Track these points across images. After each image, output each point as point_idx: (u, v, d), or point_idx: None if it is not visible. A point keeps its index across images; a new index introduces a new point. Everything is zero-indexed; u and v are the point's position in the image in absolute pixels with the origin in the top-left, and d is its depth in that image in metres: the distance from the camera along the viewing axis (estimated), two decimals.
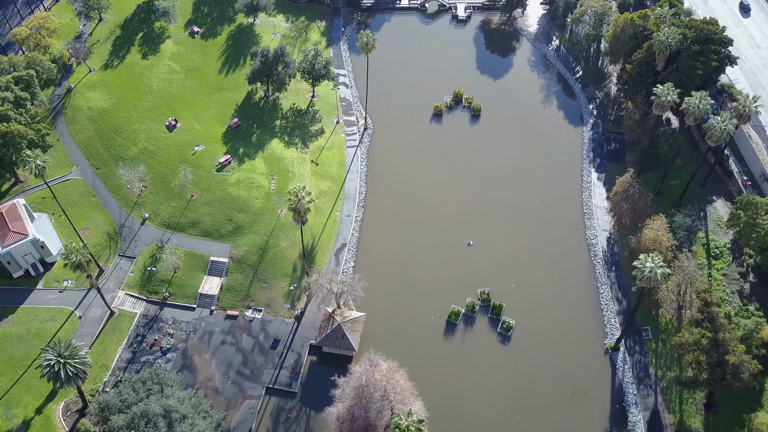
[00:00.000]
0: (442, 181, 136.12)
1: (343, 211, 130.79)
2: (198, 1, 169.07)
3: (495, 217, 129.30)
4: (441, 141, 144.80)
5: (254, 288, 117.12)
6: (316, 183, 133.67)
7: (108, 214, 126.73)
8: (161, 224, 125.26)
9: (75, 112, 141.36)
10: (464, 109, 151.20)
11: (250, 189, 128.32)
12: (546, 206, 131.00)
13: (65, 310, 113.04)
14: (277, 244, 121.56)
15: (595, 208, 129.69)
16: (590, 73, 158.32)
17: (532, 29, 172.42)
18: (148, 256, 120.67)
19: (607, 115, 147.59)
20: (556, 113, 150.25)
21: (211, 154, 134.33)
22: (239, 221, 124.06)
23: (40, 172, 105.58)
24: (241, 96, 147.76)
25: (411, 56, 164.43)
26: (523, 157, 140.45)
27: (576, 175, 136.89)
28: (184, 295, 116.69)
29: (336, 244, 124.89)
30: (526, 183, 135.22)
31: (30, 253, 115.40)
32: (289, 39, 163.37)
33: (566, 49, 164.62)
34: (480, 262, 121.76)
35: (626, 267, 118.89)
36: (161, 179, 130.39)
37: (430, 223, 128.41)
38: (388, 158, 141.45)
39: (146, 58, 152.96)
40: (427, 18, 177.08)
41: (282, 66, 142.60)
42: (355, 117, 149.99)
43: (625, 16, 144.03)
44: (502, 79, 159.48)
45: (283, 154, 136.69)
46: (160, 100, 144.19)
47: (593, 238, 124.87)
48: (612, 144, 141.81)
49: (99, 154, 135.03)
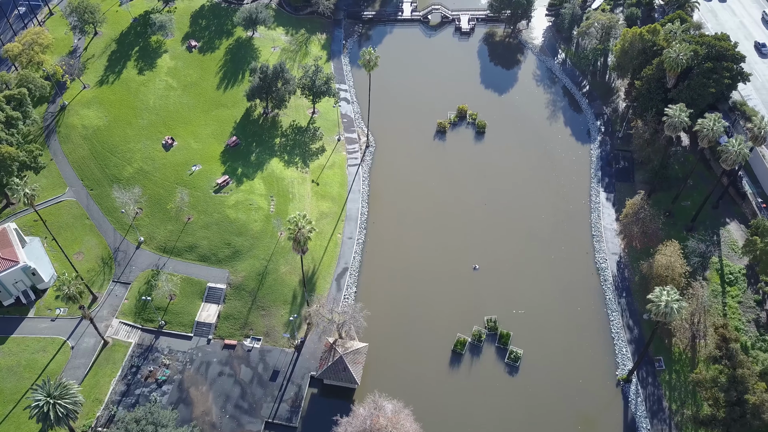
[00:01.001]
0: (447, 201, 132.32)
1: (345, 233, 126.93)
2: (196, 14, 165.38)
3: (501, 240, 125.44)
4: (445, 159, 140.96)
5: (253, 316, 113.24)
6: (316, 204, 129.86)
7: (102, 238, 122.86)
8: (157, 248, 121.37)
9: (69, 130, 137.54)
10: (468, 126, 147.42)
11: (248, 211, 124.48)
12: (554, 228, 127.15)
13: (57, 339, 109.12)
14: (276, 270, 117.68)
15: (604, 230, 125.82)
16: (597, 87, 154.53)
17: (537, 42, 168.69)
18: (143, 282, 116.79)
19: (615, 131, 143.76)
20: (562, 130, 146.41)
21: (209, 174, 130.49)
22: (237, 245, 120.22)
23: (30, 200, 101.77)
24: (240, 113, 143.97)
25: (413, 70, 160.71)
26: (530, 175, 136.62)
27: (584, 194, 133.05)
28: (181, 323, 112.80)
29: (337, 268, 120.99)
30: (533, 203, 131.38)
31: (21, 281, 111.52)
32: (288, 53, 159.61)
33: (572, 63, 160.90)
34: (486, 288, 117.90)
35: (637, 293, 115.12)
36: (157, 201, 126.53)
37: (434, 246, 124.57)
38: (391, 177, 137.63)
39: (142, 73, 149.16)
40: (429, 30, 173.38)
41: (282, 82, 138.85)
42: (356, 134, 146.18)
43: (634, 31, 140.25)
44: (507, 93, 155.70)
45: (282, 174, 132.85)
46: (156, 118, 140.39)
47: (603, 262, 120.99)
48: (621, 162, 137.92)
49: (93, 174, 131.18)
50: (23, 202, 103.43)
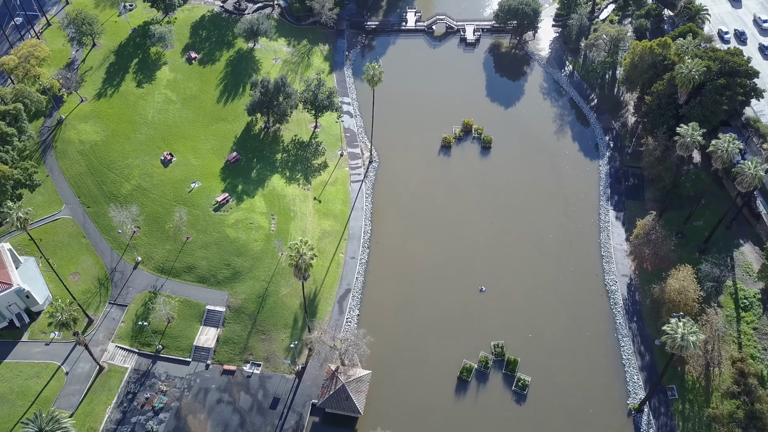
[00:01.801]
0: (452, 219, 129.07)
1: (347, 252, 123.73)
2: (196, 25, 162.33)
3: (508, 260, 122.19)
4: (450, 175, 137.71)
5: (253, 340, 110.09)
6: (318, 222, 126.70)
7: (99, 258, 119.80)
8: (155, 269, 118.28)
9: (65, 145, 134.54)
10: (474, 141, 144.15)
11: (249, 230, 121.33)
12: (562, 248, 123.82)
13: (51, 365, 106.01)
14: (277, 292, 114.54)
15: (614, 251, 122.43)
16: (605, 101, 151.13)
17: (544, 53, 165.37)
18: (140, 304, 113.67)
19: (624, 147, 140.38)
20: (570, 145, 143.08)
21: (208, 191, 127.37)
22: (237, 266, 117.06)
23: (23, 224, 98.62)
24: (241, 127, 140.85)
25: (418, 82, 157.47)
26: (537, 192, 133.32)
27: (593, 213, 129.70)
28: (179, 347, 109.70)
29: (339, 289, 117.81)
30: (541, 222, 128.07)
31: (15, 303, 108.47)
32: (290, 65, 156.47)
33: (580, 75, 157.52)
34: (493, 311, 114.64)
35: (649, 317, 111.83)
36: (155, 219, 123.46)
37: (439, 266, 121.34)
38: (395, 194, 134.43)
39: (141, 86, 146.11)
40: (434, 41, 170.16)
41: (283, 97, 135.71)
42: (359, 149, 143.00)
43: (644, 44, 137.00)
44: (514, 107, 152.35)
45: (284, 191, 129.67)
46: (155, 132, 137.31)
47: (612, 284, 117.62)
48: (630, 179, 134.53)
49: (90, 191, 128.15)
50: (16, 226, 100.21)
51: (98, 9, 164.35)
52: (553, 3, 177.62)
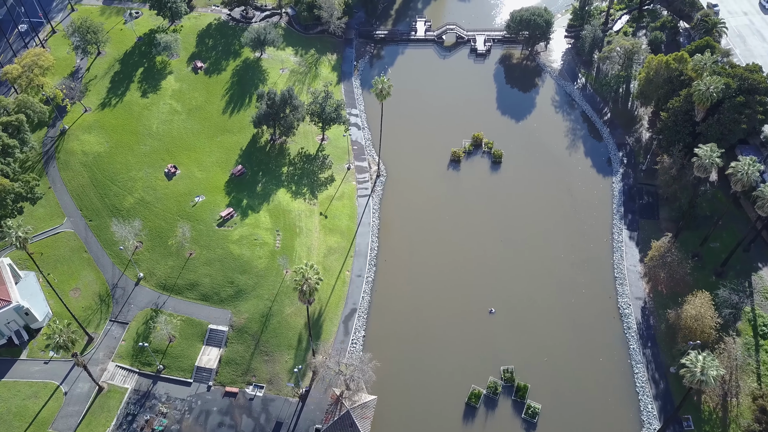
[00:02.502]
0: (461, 236, 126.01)
1: (353, 270, 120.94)
2: (202, 33, 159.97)
3: (518, 280, 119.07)
4: (459, 191, 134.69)
5: (256, 361, 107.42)
6: (324, 239, 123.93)
7: (100, 273, 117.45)
8: (157, 285, 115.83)
9: (68, 156, 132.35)
10: (484, 155, 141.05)
11: (253, 247, 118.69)
12: (574, 268, 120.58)
13: (50, 384, 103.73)
14: (281, 311, 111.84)
15: (627, 272, 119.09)
16: (619, 115, 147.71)
17: (556, 65, 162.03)
18: (141, 322, 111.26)
19: (638, 163, 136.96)
20: (583, 161, 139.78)
21: (213, 206, 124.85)
22: (241, 284, 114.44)
23: (22, 244, 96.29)
24: (246, 139, 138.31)
25: (427, 93, 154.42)
26: (548, 210, 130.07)
27: (606, 232, 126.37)
28: (180, 367, 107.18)
29: (345, 309, 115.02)
30: (552, 241, 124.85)
31: (13, 320, 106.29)
32: (297, 75, 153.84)
33: (593, 88, 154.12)
34: (502, 334, 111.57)
35: (663, 342, 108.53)
36: (158, 234, 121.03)
37: (448, 286, 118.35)
38: (403, 210, 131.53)
39: (146, 96, 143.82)
40: (444, 51, 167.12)
41: (290, 109, 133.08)
42: (367, 162, 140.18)
43: (660, 59, 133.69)
44: (525, 120, 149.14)
45: (289, 206, 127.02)
46: (159, 144, 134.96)
47: (626, 308, 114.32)
48: (645, 197, 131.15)
49: (92, 204, 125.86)
50: (15, 246, 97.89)
51: (104, 16, 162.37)
52: (565, 13, 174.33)
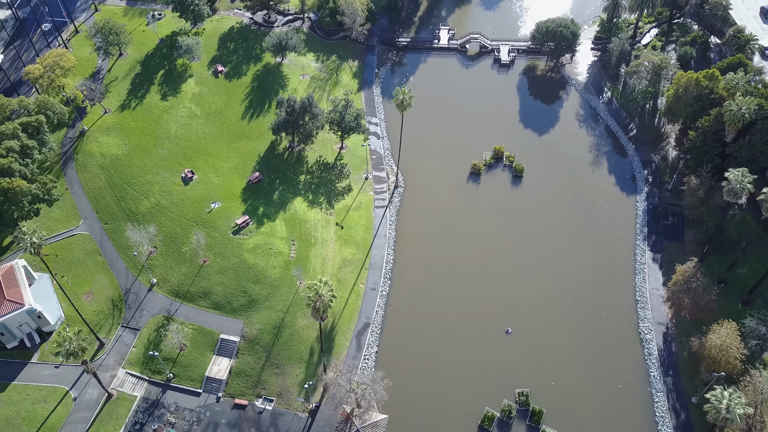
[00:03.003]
0: (479, 252, 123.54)
1: (368, 283, 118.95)
2: (224, 37, 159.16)
3: (536, 300, 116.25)
4: (478, 205, 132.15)
5: (266, 373, 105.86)
6: (339, 250, 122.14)
7: (114, 277, 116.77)
8: (170, 292, 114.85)
9: (86, 158, 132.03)
10: (505, 169, 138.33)
11: (267, 256, 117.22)
12: (594, 289, 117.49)
13: (60, 389, 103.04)
14: (293, 323, 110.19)
15: (650, 296, 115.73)
16: (645, 132, 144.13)
17: (582, 78, 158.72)
18: (153, 328, 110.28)
19: (663, 182, 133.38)
20: (606, 178, 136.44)
21: (228, 213, 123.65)
22: (254, 294, 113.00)
23: (36, 250, 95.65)
24: (264, 146, 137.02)
25: (449, 104, 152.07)
26: (570, 228, 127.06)
27: (628, 253, 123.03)
28: (190, 377, 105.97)
29: (358, 323, 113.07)
30: (573, 260, 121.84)
31: (26, 323, 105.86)
32: (318, 81, 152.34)
33: (619, 103, 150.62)
34: (518, 355, 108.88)
35: (685, 371, 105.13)
36: (173, 239, 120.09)
37: (464, 303, 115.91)
38: (420, 222, 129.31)
39: (166, 99, 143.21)
40: (467, 60, 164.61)
41: (309, 117, 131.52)
42: (385, 172, 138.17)
43: (689, 75, 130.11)
44: (548, 134, 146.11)
45: (306, 215, 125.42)
46: (177, 148, 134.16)
47: (647, 333, 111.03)
48: (669, 218, 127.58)
49: (109, 207, 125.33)
50: (29, 251, 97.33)
51: (127, 17, 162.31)
52: (592, 25, 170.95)
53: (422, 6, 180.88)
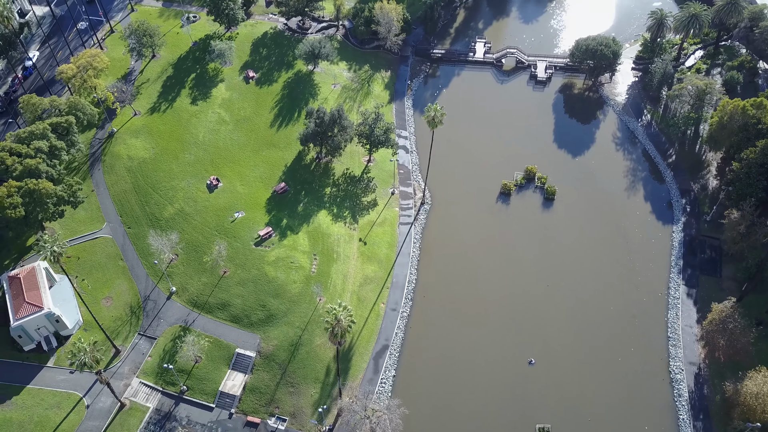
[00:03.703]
0: (505, 276, 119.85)
1: (389, 303, 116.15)
2: (257, 42, 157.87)
3: (563, 331, 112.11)
4: (507, 227, 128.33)
5: (281, 392, 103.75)
6: (361, 267, 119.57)
7: (134, 283, 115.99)
8: (188, 301, 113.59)
9: (114, 160, 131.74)
10: (536, 190, 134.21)
11: (288, 270, 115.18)
12: (624, 323, 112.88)
13: (73, 396, 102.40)
14: (311, 341, 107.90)
15: (682, 333, 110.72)
16: (685, 158, 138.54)
17: (621, 99, 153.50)
18: (169, 338, 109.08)
19: (702, 213, 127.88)
20: (642, 205, 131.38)
21: (252, 223, 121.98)
22: (273, 308, 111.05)
23: (56, 259, 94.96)
24: (292, 155, 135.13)
25: (481, 119, 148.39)
26: (601, 256, 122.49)
27: (661, 286, 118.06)
28: (203, 391, 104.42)
29: (377, 345, 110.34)
30: (602, 290, 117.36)
31: (44, 326, 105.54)
32: (349, 91, 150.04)
33: (658, 127, 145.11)
34: (541, 388, 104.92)
35: (717, 416, 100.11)
36: (194, 248, 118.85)
37: (487, 330, 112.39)
38: (445, 242, 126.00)
39: (195, 103, 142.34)
40: (502, 75, 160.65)
41: (338, 129, 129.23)
42: (412, 188, 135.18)
43: (735, 103, 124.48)
44: (582, 156, 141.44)
45: (329, 229, 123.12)
46: (204, 154, 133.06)
47: (678, 372, 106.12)
48: (707, 251, 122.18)
49: (133, 211, 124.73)
50: (49, 260, 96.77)
51: (162, 18, 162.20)
52: (634, 43, 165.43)
53: (459, 17, 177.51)
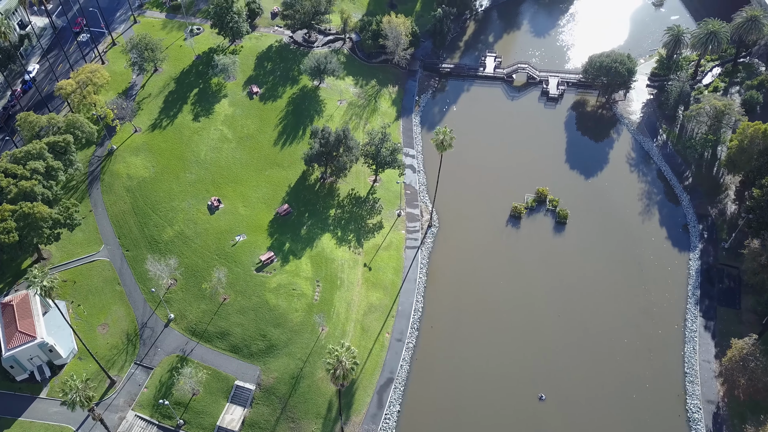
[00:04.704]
0: (514, 305, 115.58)
1: (394, 332, 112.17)
2: (262, 56, 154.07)
3: (574, 364, 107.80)
4: (517, 252, 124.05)
5: (281, 427, 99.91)
6: (366, 294, 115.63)
7: (131, 309, 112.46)
8: (186, 329, 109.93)
9: (113, 179, 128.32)
10: (548, 214, 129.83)
11: (290, 298, 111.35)
12: (638, 357, 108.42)
13: (66, 429, 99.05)
14: (312, 374, 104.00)
15: (700, 369, 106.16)
16: (702, 181, 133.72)
17: (635, 117, 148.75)
18: (167, 368, 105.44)
19: (720, 240, 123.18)
20: (657, 231, 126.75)
21: (253, 247, 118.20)
22: (273, 338, 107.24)
23: (47, 293, 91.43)
24: (296, 175, 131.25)
25: (491, 137, 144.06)
26: (614, 285, 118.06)
27: (678, 317, 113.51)
28: (201, 425, 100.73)
29: (381, 377, 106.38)
30: (616, 321, 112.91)
31: (37, 356, 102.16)
32: (355, 108, 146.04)
33: (674, 148, 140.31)
34: (552, 425, 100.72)
35: None
36: (194, 272, 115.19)
37: (495, 362, 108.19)
38: (453, 268, 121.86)
39: (198, 119, 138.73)
40: (512, 91, 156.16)
41: (344, 149, 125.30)
42: (419, 210, 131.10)
43: (756, 126, 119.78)
44: (595, 177, 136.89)
45: (333, 254, 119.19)
46: (205, 173, 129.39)
47: (695, 411, 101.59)
48: (725, 281, 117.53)
49: (131, 233, 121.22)
50: (40, 295, 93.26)
51: (165, 30, 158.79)
52: (649, 59, 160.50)
53: (469, 29, 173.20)
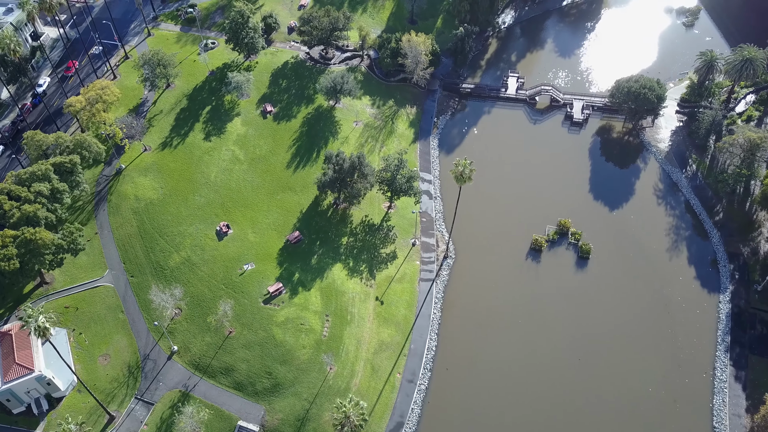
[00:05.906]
0: (533, 347, 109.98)
1: (405, 373, 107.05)
2: (277, 72, 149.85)
3: (594, 414, 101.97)
4: (537, 288, 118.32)
5: None
6: (377, 330, 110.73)
7: (133, 339, 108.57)
8: (190, 363, 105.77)
9: (120, 200, 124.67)
10: (569, 247, 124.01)
11: (298, 334, 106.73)
12: (664, 408, 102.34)
13: None
14: (319, 416, 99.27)
15: (729, 423, 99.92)
16: (734, 217, 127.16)
17: (663, 145, 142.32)
18: (168, 405, 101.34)
19: (752, 282, 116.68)
20: (685, 270, 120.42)
21: (261, 277, 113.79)
22: (279, 377, 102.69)
23: (43, 333, 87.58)
24: (308, 200, 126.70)
25: (512, 163, 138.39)
26: (639, 328, 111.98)
27: (706, 365, 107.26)
28: None
29: (390, 422, 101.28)
30: (640, 368, 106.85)
31: (35, 389, 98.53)
32: (372, 130, 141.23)
33: (704, 180, 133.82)
34: None
35: None
36: (199, 302, 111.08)
37: (513, 409, 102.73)
38: (469, 303, 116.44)
39: (209, 139, 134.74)
40: (535, 114, 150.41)
41: (358, 175, 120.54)
42: (435, 239, 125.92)
43: None
44: (620, 209, 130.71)
45: (344, 286, 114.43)
46: (215, 196, 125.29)
47: None
48: (757, 327, 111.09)
49: (137, 258, 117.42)
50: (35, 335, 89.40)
51: (179, 44, 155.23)
52: (679, 83, 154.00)
53: (491, 47, 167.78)
